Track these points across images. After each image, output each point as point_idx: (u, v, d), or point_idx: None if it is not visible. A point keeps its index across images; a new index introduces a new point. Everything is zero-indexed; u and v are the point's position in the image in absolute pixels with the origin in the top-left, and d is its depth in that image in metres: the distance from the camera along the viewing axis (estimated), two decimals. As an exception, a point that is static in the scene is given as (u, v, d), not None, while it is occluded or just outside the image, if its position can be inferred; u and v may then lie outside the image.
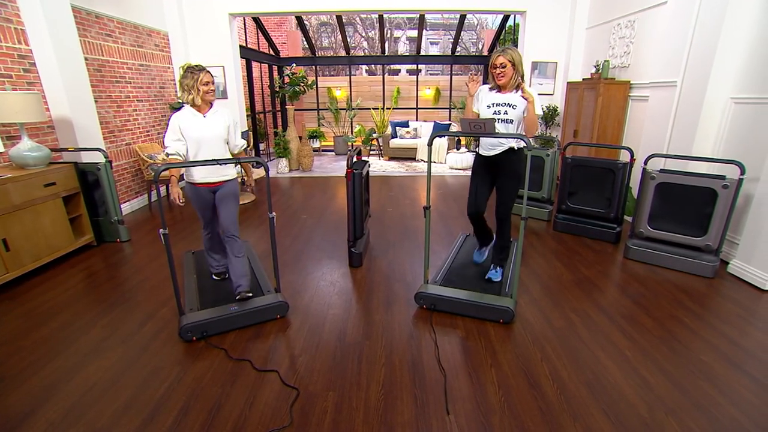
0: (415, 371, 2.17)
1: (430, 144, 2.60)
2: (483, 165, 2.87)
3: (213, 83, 2.57)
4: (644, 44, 4.59)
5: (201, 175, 2.60)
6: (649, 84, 4.30)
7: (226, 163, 2.47)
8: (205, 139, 2.55)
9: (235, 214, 2.74)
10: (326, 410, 1.90)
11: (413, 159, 8.70)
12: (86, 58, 4.33)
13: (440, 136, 2.66)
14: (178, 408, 1.92)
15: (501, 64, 2.59)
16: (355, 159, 3.38)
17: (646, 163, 3.43)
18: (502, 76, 2.61)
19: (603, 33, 5.51)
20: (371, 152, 9.58)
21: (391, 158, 8.85)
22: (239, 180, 2.85)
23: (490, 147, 2.76)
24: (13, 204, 3.04)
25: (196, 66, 2.50)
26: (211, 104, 2.62)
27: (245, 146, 2.84)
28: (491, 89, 2.74)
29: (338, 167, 8.19)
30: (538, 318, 2.70)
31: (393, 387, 2.05)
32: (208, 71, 2.54)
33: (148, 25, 5.54)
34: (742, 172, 2.97)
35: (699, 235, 3.18)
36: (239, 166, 3.17)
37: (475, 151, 2.92)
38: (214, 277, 3.03)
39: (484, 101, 2.74)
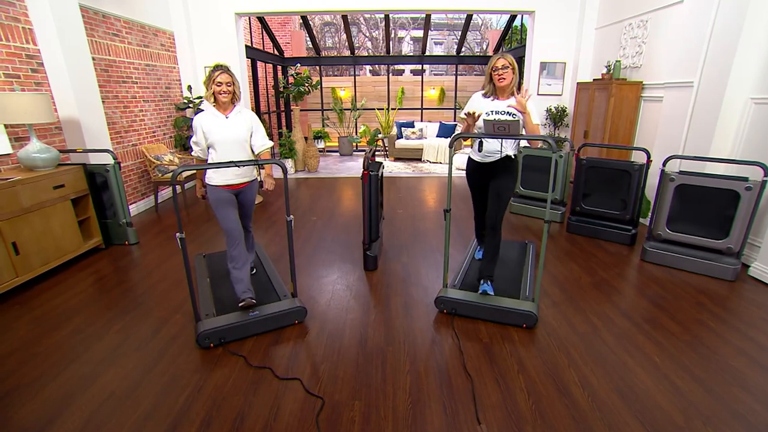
0: (441, 378, 2.11)
1: (451, 146, 2.54)
2: (478, 171, 2.82)
3: (230, 85, 2.50)
4: (658, 44, 4.54)
5: (224, 177, 2.55)
6: (663, 84, 4.25)
7: (244, 165, 2.41)
8: (227, 141, 2.51)
9: (251, 213, 2.87)
10: (354, 420, 1.85)
11: (419, 160, 8.65)
12: (93, 58, 4.27)
13: (459, 137, 2.60)
14: (200, 418, 1.86)
15: (503, 65, 2.56)
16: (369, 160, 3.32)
17: (664, 164, 3.38)
18: (504, 79, 2.58)
19: (613, 33, 5.47)
20: (376, 153, 9.52)
21: (397, 159, 8.80)
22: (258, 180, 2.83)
23: (487, 154, 2.71)
24: (23, 207, 2.98)
25: (218, 65, 2.46)
26: (234, 105, 2.57)
27: (271, 146, 2.76)
28: (485, 96, 2.70)
29: (344, 168, 8.14)
30: (560, 322, 2.65)
31: (420, 395, 2.00)
32: (227, 73, 2.49)
33: (155, 24, 5.48)
34: (766, 174, 2.92)
35: (720, 237, 3.14)
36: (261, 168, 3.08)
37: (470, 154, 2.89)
38: (240, 305, 2.53)
39: (483, 108, 2.66)
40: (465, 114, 2.68)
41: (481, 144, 2.73)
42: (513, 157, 2.71)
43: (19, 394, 2.01)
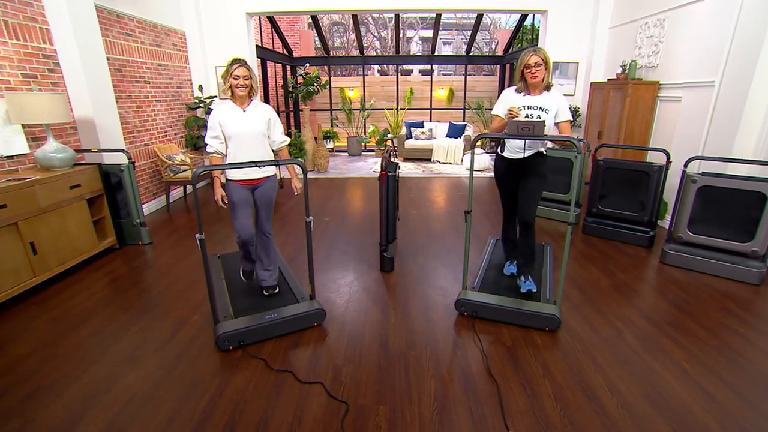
0: (466, 383, 2.08)
1: (473, 146, 2.51)
2: (509, 168, 2.78)
3: (247, 79, 2.47)
4: (675, 43, 4.47)
5: (241, 172, 2.53)
6: (682, 84, 4.19)
7: (265, 165, 2.38)
8: (245, 134, 2.49)
9: (271, 212, 2.75)
10: (379, 425, 1.81)
11: (428, 160, 8.60)
12: (108, 58, 4.26)
13: (482, 137, 2.57)
14: (223, 422, 1.83)
15: (536, 62, 2.52)
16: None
17: (686, 165, 3.32)
18: (536, 75, 2.54)
19: (628, 32, 5.40)
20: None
21: (406, 159, 8.76)
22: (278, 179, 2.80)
23: (518, 150, 2.67)
24: (40, 206, 2.97)
25: (236, 59, 2.45)
26: (251, 99, 2.54)
27: (288, 142, 2.75)
28: (517, 91, 2.67)
29: (354, 168, 8.11)
30: (582, 325, 2.60)
31: (446, 400, 1.96)
32: (244, 66, 2.47)
33: (167, 24, 5.47)
34: (793, 175, 2.86)
35: (744, 240, 3.07)
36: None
37: (494, 152, 2.86)
38: (242, 277, 3.00)
39: (514, 104, 2.63)
40: (503, 113, 2.66)
41: (503, 144, 2.70)
42: (545, 153, 2.67)
43: (41, 395, 2.00)
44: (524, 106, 2.59)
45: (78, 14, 3.64)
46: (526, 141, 2.61)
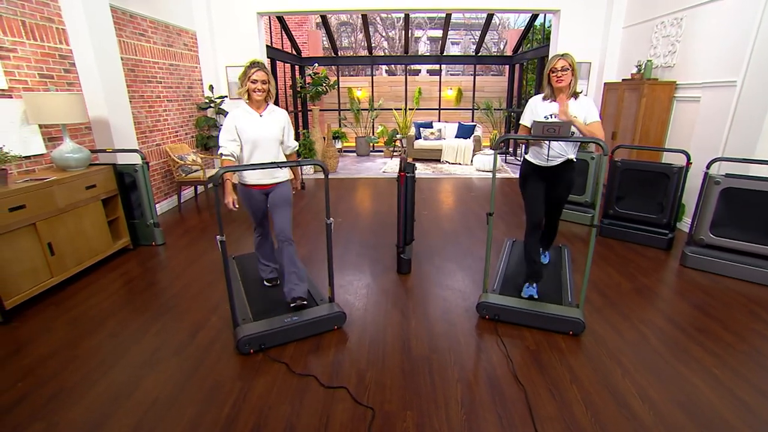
0: (492, 388, 2.04)
1: (495, 147, 2.47)
2: (537, 174, 2.75)
3: (265, 83, 2.44)
4: (693, 43, 4.40)
5: (255, 177, 2.51)
6: (701, 84, 4.13)
7: (283, 167, 2.36)
8: (261, 139, 2.46)
9: (289, 218, 2.65)
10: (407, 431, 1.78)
11: (438, 161, 8.56)
12: (121, 58, 4.25)
13: (506, 138, 2.53)
14: (249, 428, 1.80)
15: (562, 67, 2.50)
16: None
17: (708, 167, 3.27)
18: (562, 80, 2.52)
19: (643, 32, 5.34)
20: (394, 153, 9.45)
21: (415, 159, 8.72)
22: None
23: (549, 158, 2.64)
24: (58, 207, 2.96)
25: (254, 62, 2.41)
26: (268, 103, 2.52)
27: (297, 148, 2.74)
28: (545, 99, 2.64)
29: (363, 168, 8.08)
30: (606, 329, 2.56)
31: (473, 405, 1.93)
32: (263, 71, 2.43)
33: (178, 24, 5.47)
34: (821, 177, 2.80)
35: (770, 242, 3.02)
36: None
37: (505, 153, 2.85)
38: (265, 283, 2.93)
39: (541, 112, 2.63)
40: (530, 122, 2.66)
41: (527, 147, 2.67)
42: (575, 160, 2.65)
43: (63, 398, 1.98)
44: (551, 114, 2.56)
45: (93, 14, 3.64)
46: (550, 150, 2.58)
